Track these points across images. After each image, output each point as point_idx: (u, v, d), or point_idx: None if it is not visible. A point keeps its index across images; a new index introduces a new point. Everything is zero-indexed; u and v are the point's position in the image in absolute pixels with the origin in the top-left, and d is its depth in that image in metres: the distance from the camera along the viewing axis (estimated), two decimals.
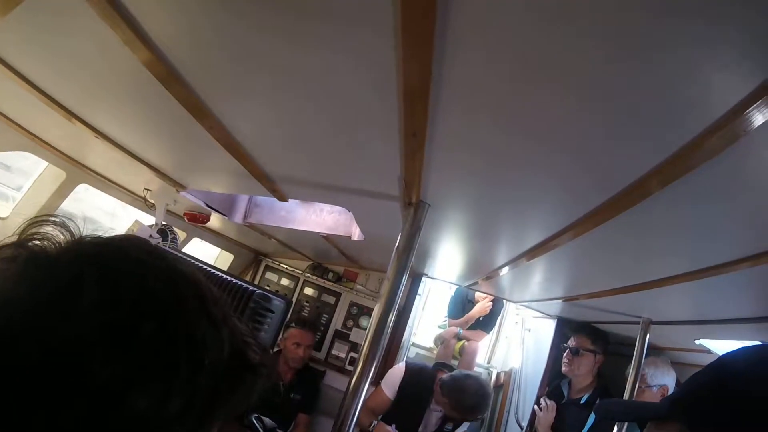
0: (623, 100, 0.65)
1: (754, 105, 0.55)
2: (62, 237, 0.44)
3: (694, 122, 0.64)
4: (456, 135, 0.89)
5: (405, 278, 1.27)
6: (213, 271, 1.48)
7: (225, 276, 1.44)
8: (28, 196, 2.29)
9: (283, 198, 1.86)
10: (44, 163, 2.20)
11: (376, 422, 2.90)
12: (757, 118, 0.57)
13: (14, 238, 0.44)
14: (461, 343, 4.12)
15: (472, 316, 4.15)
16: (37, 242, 0.43)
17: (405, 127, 0.86)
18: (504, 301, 4.08)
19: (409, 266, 1.27)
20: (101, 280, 0.39)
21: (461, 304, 4.27)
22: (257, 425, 2.13)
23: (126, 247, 0.44)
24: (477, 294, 4.12)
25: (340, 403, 1.22)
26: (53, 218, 0.45)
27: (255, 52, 0.84)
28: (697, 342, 2.06)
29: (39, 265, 0.40)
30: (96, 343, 0.37)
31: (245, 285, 1.38)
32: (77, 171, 2.23)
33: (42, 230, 0.44)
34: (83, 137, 1.69)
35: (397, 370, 3.03)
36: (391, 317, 1.26)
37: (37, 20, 0.95)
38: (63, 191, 2.27)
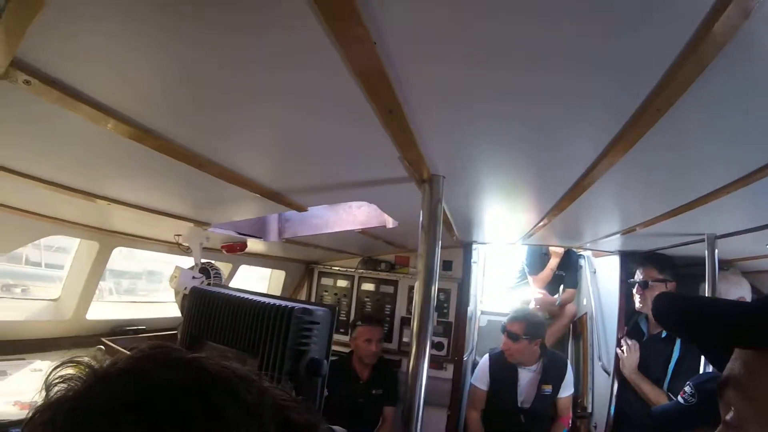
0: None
1: None
2: (84, 374, 0.44)
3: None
4: (433, 96, 0.83)
5: (437, 250, 1.28)
6: (250, 297, 1.46)
7: (263, 300, 1.42)
8: (71, 273, 2.38)
9: (302, 208, 1.87)
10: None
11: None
12: None
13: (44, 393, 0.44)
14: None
15: (552, 266, 4.05)
16: (65, 396, 0.43)
17: (378, 107, 0.83)
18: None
19: (439, 238, 1.29)
20: (139, 425, 0.39)
21: (538, 258, 4.17)
22: None
23: (149, 370, 0.44)
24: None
25: (405, 387, 1.23)
26: (72, 362, 0.46)
27: (211, 85, 0.84)
28: None
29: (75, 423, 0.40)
30: None
31: (284, 303, 1.35)
32: (108, 238, 2.30)
33: (65, 373, 0.45)
34: (100, 207, 1.75)
35: (483, 363, 3.23)
36: (434, 291, 1.27)
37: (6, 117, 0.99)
38: (101, 259, 2.34)
